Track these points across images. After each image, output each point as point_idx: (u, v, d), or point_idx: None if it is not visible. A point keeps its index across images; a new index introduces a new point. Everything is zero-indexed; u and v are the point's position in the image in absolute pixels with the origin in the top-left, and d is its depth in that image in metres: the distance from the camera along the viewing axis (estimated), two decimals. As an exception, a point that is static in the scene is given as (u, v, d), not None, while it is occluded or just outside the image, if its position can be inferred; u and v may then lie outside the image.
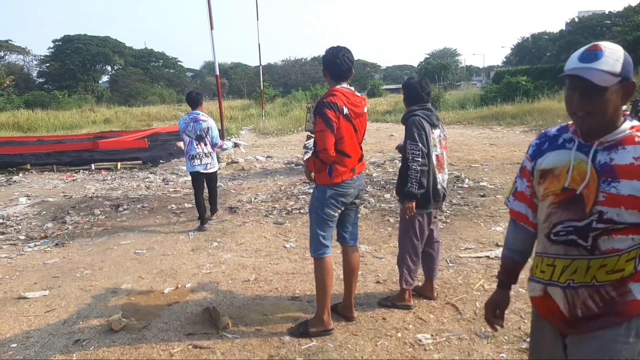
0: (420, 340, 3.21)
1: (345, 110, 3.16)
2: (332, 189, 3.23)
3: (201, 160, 6.19)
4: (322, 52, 3.35)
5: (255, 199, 7.68)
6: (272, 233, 5.83)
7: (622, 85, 1.48)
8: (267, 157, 12.57)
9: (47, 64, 57.25)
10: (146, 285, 4.34)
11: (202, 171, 6.22)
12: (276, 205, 7.17)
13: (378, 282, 4.21)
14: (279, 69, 71.30)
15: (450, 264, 4.54)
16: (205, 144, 6.19)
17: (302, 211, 6.73)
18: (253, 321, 3.55)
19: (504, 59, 71.64)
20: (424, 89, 3.63)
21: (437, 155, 3.60)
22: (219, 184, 9.05)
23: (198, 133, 6.16)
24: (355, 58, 3.55)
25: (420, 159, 3.41)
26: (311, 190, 8.00)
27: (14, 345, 3.34)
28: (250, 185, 8.96)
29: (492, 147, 12.19)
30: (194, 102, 6.29)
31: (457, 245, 5.06)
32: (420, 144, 3.42)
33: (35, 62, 58.52)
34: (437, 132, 3.61)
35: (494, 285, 3.93)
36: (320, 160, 3.13)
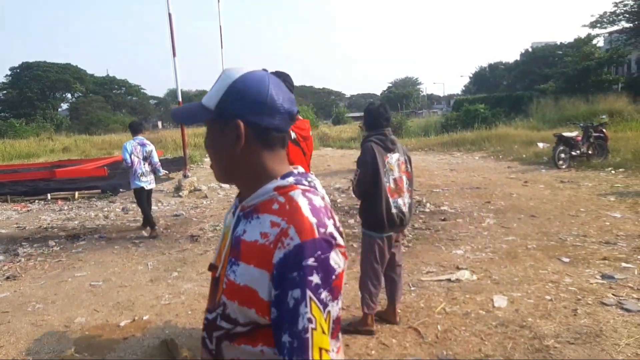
0: (382, 366, 3.19)
1: (293, 135, 3.16)
2: None
3: (145, 177, 7.32)
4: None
5: (217, 227, 7.57)
6: (234, 261, 5.73)
7: (224, 125, 1.09)
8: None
9: (4, 92, 55.51)
10: (101, 319, 4.17)
11: (146, 187, 7.31)
12: (239, 233, 7.07)
13: (342, 308, 4.17)
14: (244, 97, 71.29)
15: (412, 288, 4.57)
16: (148, 164, 7.35)
17: (265, 238, 6.67)
18: (213, 352, 3.45)
19: (463, 88, 74.22)
20: (382, 114, 3.70)
21: (394, 179, 3.63)
22: (180, 211, 8.93)
23: (145, 155, 7.30)
24: (320, 86, 3.65)
25: (355, 180, 3.62)
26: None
27: (-45, 387, 3.14)
28: (213, 213, 8.83)
29: (452, 172, 12.48)
30: (137, 129, 7.57)
31: (419, 269, 5.10)
32: (360, 169, 3.60)
33: (-10, 90, 56.70)
34: (394, 156, 3.65)
35: (455, 308, 4.00)
36: None
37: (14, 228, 8.25)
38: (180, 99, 12.72)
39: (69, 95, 60.96)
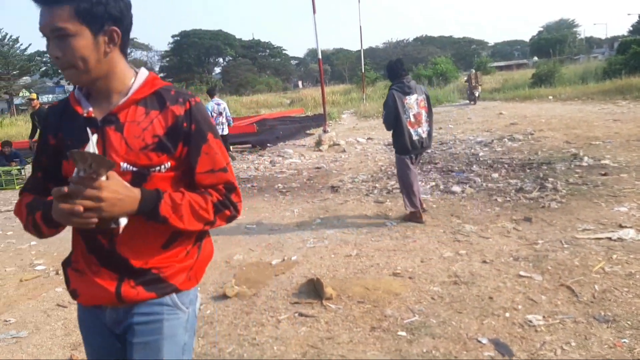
0: (530, 321, 3.05)
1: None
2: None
3: (219, 127, 10.15)
4: (425, 32, 3.28)
5: (356, 178, 7.74)
6: (372, 211, 5.86)
7: None
8: (368, 138, 12.58)
9: (167, 59, 62.07)
10: (256, 257, 4.60)
11: (221, 133, 9.84)
12: (377, 185, 7.17)
13: (484, 261, 4.06)
14: (380, 52, 70.51)
15: (565, 245, 4.23)
16: (222, 116, 10.59)
17: (404, 191, 6.69)
18: (355, 294, 3.61)
19: (631, 28, 63.77)
20: (399, 67, 5.22)
21: (414, 115, 5.07)
22: (321, 164, 9.32)
23: (219, 111, 10.55)
24: (461, 35, 3.41)
25: (383, 118, 5.28)
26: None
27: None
28: (351, 165, 9.04)
29: (615, 123, 11.05)
30: (213, 93, 11.01)
31: (574, 226, 4.69)
32: (385, 110, 5.15)
33: (156, 58, 63.79)
34: (412, 97, 5.08)
35: (617, 268, 3.64)
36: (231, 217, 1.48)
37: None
38: (320, 56, 12.97)
39: (220, 60, 65.91)
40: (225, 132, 10.69)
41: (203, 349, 3.02)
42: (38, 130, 9.88)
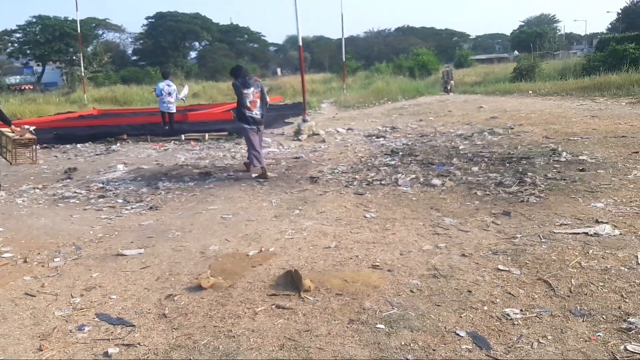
0: (508, 315, 3.04)
1: None
2: None
3: (168, 105, 12.46)
4: (407, 22, 3.21)
5: (335, 169, 7.68)
6: (352, 203, 5.81)
7: None
8: (348, 129, 12.51)
9: (141, 41, 60.46)
10: (232, 248, 4.49)
11: (168, 111, 12.58)
12: (356, 176, 7.12)
13: (463, 255, 4.04)
14: (361, 41, 70.36)
15: (543, 240, 4.25)
16: (170, 96, 12.41)
17: (382, 182, 6.64)
18: (333, 286, 3.55)
19: (609, 25, 65.11)
20: (240, 71, 7.49)
21: (250, 101, 7.23)
22: (300, 154, 9.22)
23: (169, 91, 12.36)
24: (443, 27, 3.30)
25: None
26: (394, 162, 7.85)
27: (114, 296, 3.59)
28: (331, 156, 8.97)
29: (593, 119, 11.25)
30: (167, 75, 13.03)
31: (552, 221, 4.72)
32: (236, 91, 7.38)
33: (130, 40, 62.04)
34: (250, 90, 7.23)
35: (592, 263, 3.66)
36: None
37: (154, 164, 9.16)
38: (300, 43, 12.81)
39: (197, 44, 64.62)
40: (173, 110, 12.74)
41: (177, 341, 2.92)
42: None
